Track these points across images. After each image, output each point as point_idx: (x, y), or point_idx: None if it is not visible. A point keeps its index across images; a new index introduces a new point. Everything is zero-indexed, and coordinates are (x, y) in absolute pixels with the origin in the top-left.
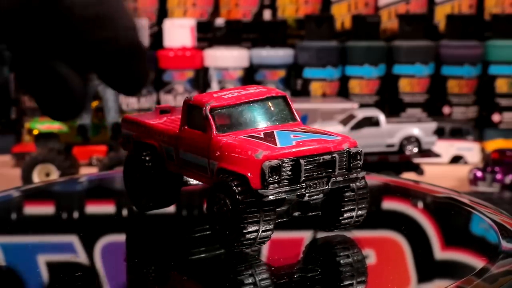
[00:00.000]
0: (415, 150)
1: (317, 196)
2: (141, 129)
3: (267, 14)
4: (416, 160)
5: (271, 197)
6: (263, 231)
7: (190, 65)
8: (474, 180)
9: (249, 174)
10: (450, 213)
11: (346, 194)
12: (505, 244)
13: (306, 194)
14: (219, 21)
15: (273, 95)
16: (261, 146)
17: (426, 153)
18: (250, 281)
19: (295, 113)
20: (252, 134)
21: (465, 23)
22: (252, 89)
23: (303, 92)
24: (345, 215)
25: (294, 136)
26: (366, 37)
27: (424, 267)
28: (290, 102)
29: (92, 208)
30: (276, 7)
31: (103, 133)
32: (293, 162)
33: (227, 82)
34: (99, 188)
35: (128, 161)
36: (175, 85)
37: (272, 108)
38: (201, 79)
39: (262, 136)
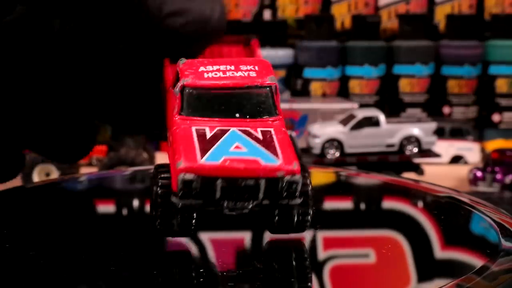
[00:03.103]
0: (415, 150)
1: (240, 211)
2: None
3: (267, 14)
4: (416, 160)
5: (180, 205)
6: (181, 220)
7: None
8: (474, 180)
9: (172, 175)
10: (450, 212)
11: (284, 200)
12: (505, 243)
13: (226, 209)
14: None
15: (257, 84)
16: (189, 153)
17: (426, 153)
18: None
19: (278, 105)
20: (206, 127)
21: (465, 23)
22: (240, 72)
23: (303, 92)
24: (280, 220)
25: (233, 149)
26: (366, 37)
27: (424, 266)
28: (275, 94)
29: (92, 208)
30: (276, 7)
31: (103, 133)
32: (210, 181)
33: None
34: (99, 188)
35: None
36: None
37: (251, 99)
38: None
39: (210, 135)
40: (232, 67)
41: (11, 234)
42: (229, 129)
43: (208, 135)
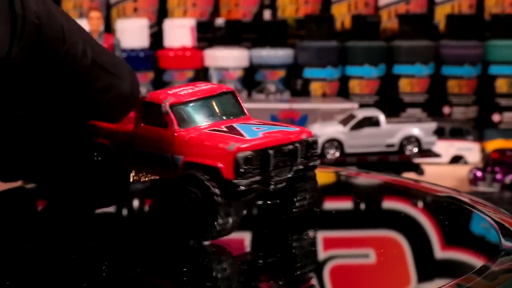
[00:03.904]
0: (415, 150)
1: (281, 185)
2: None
3: (267, 14)
4: (416, 160)
5: (243, 187)
6: (233, 220)
7: (190, 65)
8: (474, 180)
9: (221, 166)
10: (450, 212)
11: (299, 184)
12: (505, 243)
13: (272, 183)
14: (219, 21)
15: (224, 90)
16: (231, 138)
17: (426, 153)
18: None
19: (244, 107)
20: (214, 128)
21: (465, 23)
22: (203, 86)
23: (303, 92)
24: (297, 204)
25: (256, 129)
26: (366, 37)
27: (424, 266)
28: (239, 97)
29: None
30: (276, 7)
31: None
32: (263, 153)
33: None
34: None
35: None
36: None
37: (225, 103)
38: (201, 79)
39: (226, 129)
40: (193, 87)
41: (11, 233)
42: (232, 124)
43: (223, 130)
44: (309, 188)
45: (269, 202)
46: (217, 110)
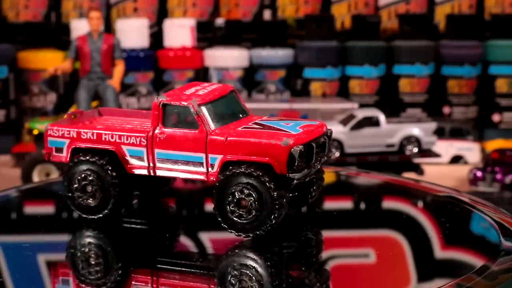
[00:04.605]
0: (415, 150)
1: (311, 176)
2: (83, 135)
3: (267, 14)
4: (416, 160)
5: (296, 180)
6: (285, 213)
7: (190, 65)
8: (474, 180)
9: (272, 161)
10: (450, 212)
11: (315, 175)
12: (505, 243)
13: (307, 176)
14: (219, 21)
15: (231, 89)
16: (280, 134)
17: (426, 153)
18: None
19: (245, 104)
20: (245, 126)
21: (465, 23)
22: (209, 85)
23: (303, 92)
24: (313, 195)
25: (287, 124)
26: (366, 37)
27: (424, 265)
28: (239, 95)
29: None
30: (276, 7)
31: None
32: (308, 146)
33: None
34: None
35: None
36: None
37: (234, 102)
38: (201, 79)
39: (258, 126)
40: (199, 87)
41: (11, 232)
42: (256, 121)
43: (256, 127)
44: (322, 179)
45: (290, 194)
46: (233, 108)
